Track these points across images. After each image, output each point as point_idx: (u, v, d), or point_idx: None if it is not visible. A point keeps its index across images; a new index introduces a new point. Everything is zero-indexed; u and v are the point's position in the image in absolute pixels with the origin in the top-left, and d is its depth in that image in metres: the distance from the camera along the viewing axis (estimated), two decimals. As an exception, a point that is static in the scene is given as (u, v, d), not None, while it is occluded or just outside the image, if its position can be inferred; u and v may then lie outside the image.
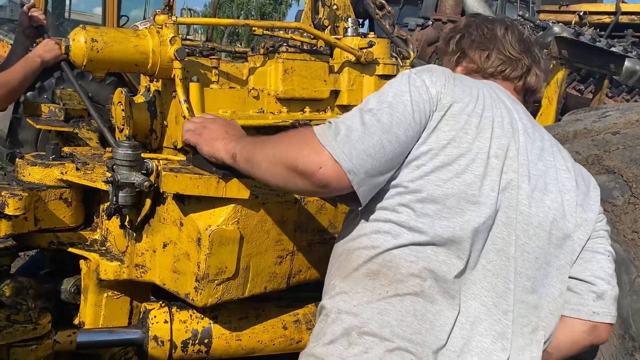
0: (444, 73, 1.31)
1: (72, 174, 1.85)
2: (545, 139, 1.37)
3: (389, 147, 1.20)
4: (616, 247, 1.52)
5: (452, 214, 1.20)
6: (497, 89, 1.38)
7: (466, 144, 1.22)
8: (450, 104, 1.24)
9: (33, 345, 1.60)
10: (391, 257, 1.20)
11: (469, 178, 1.21)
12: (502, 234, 1.24)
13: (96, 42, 1.82)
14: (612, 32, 4.40)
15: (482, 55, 1.47)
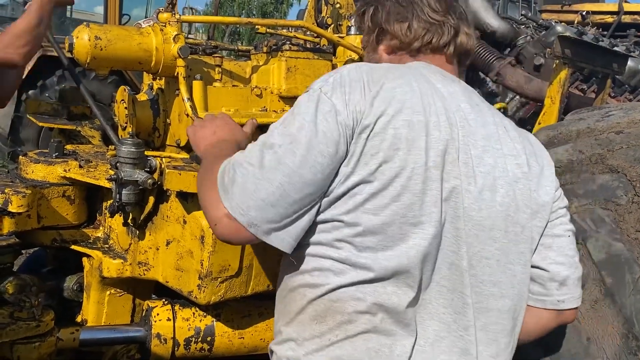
0: (361, 84, 1.13)
1: (75, 171, 1.85)
2: (489, 123, 1.22)
3: (293, 192, 1.08)
4: (619, 246, 1.52)
5: (395, 241, 1.09)
6: (427, 71, 1.23)
7: (399, 161, 1.08)
8: (373, 122, 1.09)
9: (36, 342, 1.60)
10: (337, 297, 1.11)
11: (408, 199, 1.09)
12: (452, 247, 1.14)
13: (100, 40, 1.82)
14: (614, 31, 4.40)
15: (402, 27, 1.28)
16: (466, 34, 1.30)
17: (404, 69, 1.22)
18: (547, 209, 1.25)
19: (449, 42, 1.28)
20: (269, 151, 1.10)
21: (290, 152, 1.08)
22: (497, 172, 1.19)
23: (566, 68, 2.50)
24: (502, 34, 3.55)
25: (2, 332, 1.53)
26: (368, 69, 1.17)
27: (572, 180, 1.73)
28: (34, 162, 1.87)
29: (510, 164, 1.21)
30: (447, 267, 1.14)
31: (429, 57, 1.29)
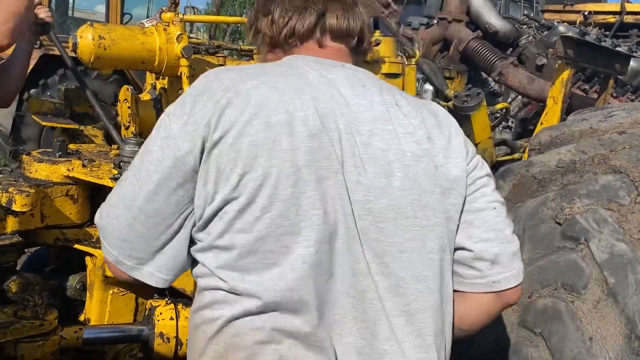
0: (205, 96, 1.02)
1: (79, 170, 1.86)
2: (376, 103, 1.10)
3: (139, 225, 1.03)
4: (622, 246, 1.52)
5: (277, 257, 0.99)
6: (301, 62, 1.12)
7: (260, 169, 0.98)
8: (224, 134, 0.99)
9: (40, 341, 1.61)
10: (235, 330, 1.01)
11: (279, 207, 0.98)
12: (349, 250, 1.03)
13: (103, 40, 1.82)
14: (617, 31, 4.40)
15: (267, 21, 1.17)
16: (337, 15, 1.15)
17: (266, 66, 1.13)
18: (461, 183, 1.11)
19: (315, 26, 1.14)
20: (118, 186, 1.08)
21: (131, 185, 1.04)
22: (390, 156, 1.06)
23: (568, 68, 2.49)
24: (504, 34, 3.54)
25: (6, 331, 1.54)
26: (217, 75, 1.07)
27: (575, 180, 1.73)
28: (38, 161, 1.88)
29: (406, 144, 1.08)
30: (351, 274, 1.03)
31: (302, 48, 1.16)
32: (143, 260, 1.05)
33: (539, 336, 1.53)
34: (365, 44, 1.19)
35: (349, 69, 1.14)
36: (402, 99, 1.15)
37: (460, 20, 3.51)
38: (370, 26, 1.22)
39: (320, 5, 1.14)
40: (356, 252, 1.02)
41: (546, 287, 1.57)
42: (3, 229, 1.69)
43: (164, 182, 1.01)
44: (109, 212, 1.07)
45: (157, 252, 1.05)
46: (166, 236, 1.04)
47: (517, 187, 1.88)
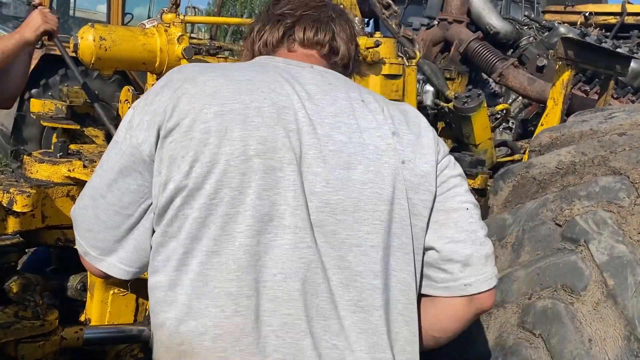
0: (165, 87, 1.05)
1: (80, 171, 1.86)
2: (340, 99, 1.09)
3: (102, 214, 1.05)
4: (622, 248, 1.52)
5: (220, 244, 0.97)
6: (266, 60, 1.16)
7: (210, 156, 0.98)
8: (178, 123, 1.00)
9: (40, 341, 1.62)
10: (181, 339, 0.98)
11: (226, 194, 0.97)
12: (304, 242, 1.00)
13: (104, 41, 1.83)
14: (617, 32, 4.40)
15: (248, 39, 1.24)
16: (306, 26, 1.17)
17: (228, 64, 1.20)
18: (429, 179, 1.09)
19: (282, 36, 1.17)
20: (91, 178, 1.11)
21: (98, 175, 1.08)
22: (351, 148, 1.05)
23: (569, 69, 2.50)
24: (505, 35, 3.55)
25: (7, 331, 1.55)
26: (180, 69, 1.11)
27: (575, 182, 1.73)
28: (39, 161, 1.88)
29: (369, 137, 1.07)
30: (302, 267, 0.99)
31: (273, 54, 1.19)
32: (106, 251, 1.07)
33: (539, 337, 1.53)
34: (340, 55, 1.19)
35: (316, 69, 1.14)
36: (369, 97, 1.14)
37: (461, 21, 3.52)
38: (352, 41, 1.22)
39: (291, 19, 1.18)
40: (307, 244, 1.00)
41: (546, 288, 1.57)
42: (4, 229, 1.69)
43: (124, 171, 1.04)
44: (79, 204, 1.10)
45: (119, 242, 1.06)
46: (127, 225, 1.05)
47: (517, 189, 1.88)
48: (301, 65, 1.14)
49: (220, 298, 0.98)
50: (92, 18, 8.49)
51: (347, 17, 1.24)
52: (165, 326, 1.00)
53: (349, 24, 1.22)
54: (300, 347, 0.99)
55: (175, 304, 0.99)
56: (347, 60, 1.21)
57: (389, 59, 2.37)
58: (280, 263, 0.99)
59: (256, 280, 0.98)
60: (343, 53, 1.19)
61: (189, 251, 0.99)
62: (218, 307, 0.97)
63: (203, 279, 0.98)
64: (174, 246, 1.00)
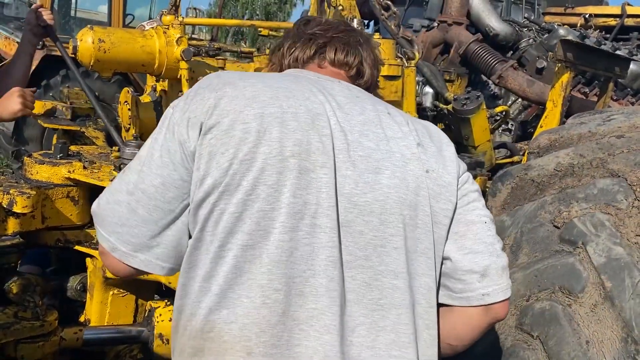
0: (205, 88, 1.10)
1: (80, 172, 1.87)
2: (368, 110, 1.16)
3: (140, 209, 1.05)
4: (619, 250, 1.53)
5: (255, 239, 1.02)
6: (296, 72, 1.23)
7: (250, 154, 1.03)
8: (219, 121, 1.04)
9: (40, 341, 1.62)
10: (211, 327, 1.01)
11: (263, 192, 1.02)
12: (331, 241, 1.05)
13: (103, 43, 1.84)
14: (617, 34, 4.40)
15: (278, 55, 1.30)
16: (337, 47, 1.25)
17: (264, 73, 1.22)
18: (451, 189, 1.15)
19: (314, 55, 1.25)
20: (121, 174, 1.12)
21: (135, 172, 1.08)
22: (379, 155, 1.11)
23: (568, 71, 2.50)
24: (505, 36, 3.55)
25: (7, 332, 1.55)
26: (218, 74, 1.17)
27: (573, 184, 1.73)
28: (39, 163, 1.89)
29: (395, 146, 1.13)
30: (330, 265, 1.04)
31: (304, 67, 1.26)
32: (140, 247, 1.07)
33: (536, 339, 1.54)
34: (365, 78, 1.27)
35: (344, 84, 1.21)
36: (394, 110, 1.22)
37: (460, 23, 3.52)
38: (376, 66, 1.31)
39: (323, 39, 1.25)
40: (335, 243, 1.05)
41: (543, 290, 1.57)
42: (4, 230, 1.70)
43: (169, 166, 1.06)
44: (108, 199, 1.10)
45: (155, 238, 1.06)
46: (166, 221, 1.06)
47: (516, 190, 1.88)
48: (330, 79, 1.21)
49: (252, 289, 1.02)
50: (93, 19, 8.51)
51: (373, 44, 1.32)
52: (197, 315, 1.03)
53: (374, 51, 1.30)
54: (323, 341, 1.03)
55: (209, 294, 1.02)
56: (370, 84, 1.28)
57: (388, 60, 2.38)
58: (310, 260, 1.04)
59: (286, 275, 1.02)
60: (367, 77, 1.27)
61: (224, 244, 1.02)
62: (249, 297, 1.01)
63: (237, 271, 1.02)
64: (210, 239, 1.03)
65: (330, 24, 1.29)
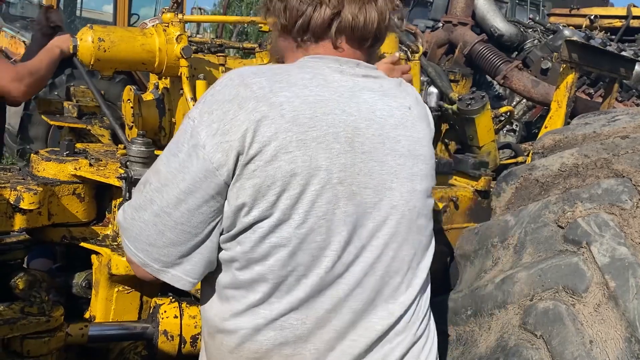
0: (235, 104, 1.00)
1: (86, 169, 1.88)
2: (394, 108, 1.14)
3: (167, 231, 1.04)
4: (623, 250, 1.53)
5: (307, 269, 1.04)
6: (322, 63, 1.09)
7: (299, 187, 1.00)
8: (261, 150, 0.98)
9: (46, 337, 1.63)
10: (257, 346, 1.07)
11: (313, 223, 1.02)
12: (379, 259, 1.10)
13: (103, 42, 1.84)
14: (622, 36, 4.40)
15: (281, 6, 1.11)
16: (354, 14, 1.09)
17: (294, 72, 1.07)
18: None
19: (330, 23, 1.09)
20: (144, 189, 1.08)
21: (158, 190, 1.04)
22: (411, 160, 1.14)
23: (573, 72, 2.50)
24: (509, 37, 3.55)
25: (13, 327, 1.56)
26: (243, 81, 1.02)
27: (578, 184, 1.74)
28: (46, 160, 1.90)
29: (421, 148, 1.16)
30: (380, 282, 1.11)
31: (319, 46, 1.12)
32: (170, 264, 1.07)
33: (540, 339, 1.54)
34: (380, 42, 1.19)
35: (362, 67, 1.14)
36: (411, 99, 1.20)
37: (465, 24, 3.52)
38: (388, 20, 1.16)
39: (336, 2, 1.09)
40: (381, 259, 1.10)
41: (547, 289, 1.58)
42: (11, 226, 1.71)
43: (195, 192, 1.01)
44: (134, 216, 1.08)
45: (185, 257, 1.07)
46: (194, 243, 1.06)
47: (520, 190, 1.88)
48: (350, 64, 1.12)
49: (304, 312, 1.07)
50: (98, 18, 8.54)
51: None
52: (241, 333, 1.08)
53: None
54: None
55: (258, 317, 1.07)
56: (383, 40, 1.20)
57: (390, 54, 2.37)
58: (360, 279, 1.09)
59: (338, 296, 1.08)
60: (382, 39, 1.19)
61: (277, 278, 1.05)
62: (299, 319, 1.07)
63: (290, 300, 1.06)
64: (259, 270, 1.05)
65: None
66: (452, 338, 1.76)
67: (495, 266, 1.76)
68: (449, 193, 2.13)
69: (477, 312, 1.70)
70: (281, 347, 1.06)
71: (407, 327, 1.15)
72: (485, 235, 1.83)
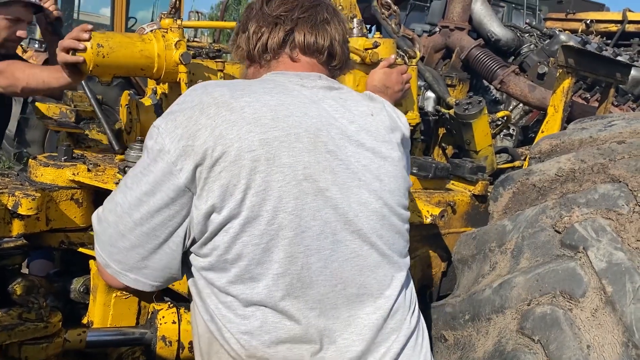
0: (197, 111, 1.05)
1: (84, 175, 1.87)
2: (357, 115, 1.18)
3: (127, 232, 1.07)
4: (620, 255, 1.53)
5: (284, 266, 1.06)
6: (283, 77, 1.17)
7: (264, 184, 1.03)
8: (225, 152, 1.02)
9: (44, 343, 1.63)
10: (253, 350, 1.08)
11: (284, 219, 1.04)
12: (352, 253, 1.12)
13: (102, 48, 1.83)
14: (618, 40, 4.42)
15: (244, 38, 1.23)
16: (305, 31, 1.20)
17: (252, 83, 1.16)
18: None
19: (283, 41, 1.20)
20: (114, 193, 1.13)
21: (123, 192, 1.09)
22: (377, 162, 1.16)
23: (569, 77, 2.51)
24: (506, 42, 3.57)
25: (11, 333, 1.56)
26: (205, 90, 1.09)
27: (574, 189, 1.74)
28: (44, 165, 1.90)
29: (387, 151, 1.19)
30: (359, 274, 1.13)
31: (278, 62, 1.22)
32: (129, 267, 1.10)
33: (538, 343, 1.54)
34: (336, 60, 1.25)
35: (324, 80, 1.21)
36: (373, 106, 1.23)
37: (462, 28, 3.54)
38: (345, 42, 1.28)
39: (289, 23, 1.20)
40: (357, 253, 1.12)
41: (545, 294, 1.58)
42: (9, 232, 1.71)
43: (155, 193, 1.05)
44: (101, 217, 1.13)
45: (144, 260, 1.09)
46: (152, 245, 1.08)
47: (517, 195, 1.89)
48: (310, 77, 1.20)
49: (286, 313, 1.07)
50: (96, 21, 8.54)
51: (340, 17, 1.28)
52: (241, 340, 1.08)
53: (342, 24, 1.27)
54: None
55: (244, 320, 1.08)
56: (342, 63, 1.28)
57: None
58: (339, 274, 1.10)
59: (319, 293, 1.08)
60: (339, 57, 1.26)
61: (255, 276, 1.06)
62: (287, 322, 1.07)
63: (271, 300, 1.06)
64: (236, 272, 1.06)
65: (294, 1, 1.22)
66: (450, 343, 1.77)
67: (493, 271, 1.77)
68: (447, 197, 2.14)
69: (475, 317, 1.70)
70: (276, 347, 1.07)
71: (398, 322, 1.16)
72: (483, 240, 1.84)
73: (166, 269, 1.11)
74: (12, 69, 2.02)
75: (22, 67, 2.02)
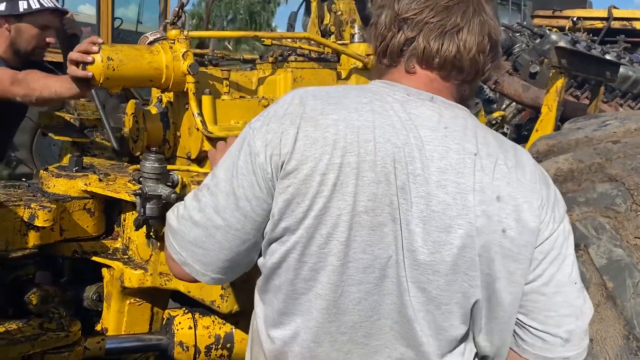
0: (287, 121, 1.04)
1: (96, 185, 1.90)
2: (452, 150, 1.04)
3: (218, 234, 1.08)
4: (620, 252, 1.60)
5: (326, 291, 1.05)
6: (388, 91, 1.08)
7: (325, 208, 1.01)
8: (295, 169, 1.01)
9: (65, 352, 1.66)
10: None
11: (334, 246, 1.02)
12: (399, 295, 1.05)
13: (112, 61, 1.86)
14: (604, 37, 4.51)
15: (373, 30, 1.13)
16: (429, 37, 1.05)
17: (352, 93, 1.08)
18: (529, 249, 1.06)
19: (402, 47, 1.08)
20: (200, 192, 1.11)
21: (213, 194, 1.08)
22: (454, 211, 1.02)
23: (562, 77, 2.58)
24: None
25: (34, 343, 1.59)
26: (302, 101, 1.06)
27: (574, 188, 1.80)
28: (56, 176, 1.92)
29: (473, 200, 1.03)
30: (398, 314, 1.06)
31: (393, 71, 1.12)
32: (212, 268, 1.11)
33: (543, 338, 1.60)
34: (465, 73, 1.08)
35: (436, 104, 1.07)
36: (484, 148, 1.06)
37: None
38: (480, 52, 1.07)
39: (414, 30, 1.07)
40: (404, 298, 1.05)
41: (549, 291, 1.64)
42: (25, 243, 1.73)
43: (251, 200, 1.06)
44: (185, 216, 1.12)
45: (228, 260, 1.11)
46: (241, 248, 1.09)
47: (518, 195, 1.95)
48: (421, 96, 1.07)
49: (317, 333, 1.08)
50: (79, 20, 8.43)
51: (483, 17, 1.07)
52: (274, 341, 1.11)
53: (485, 25, 1.07)
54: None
55: (283, 327, 1.09)
56: (474, 75, 1.10)
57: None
58: (377, 306, 1.06)
59: (352, 320, 1.07)
60: (467, 70, 1.08)
61: (297, 290, 1.07)
62: (315, 342, 1.08)
63: (305, 316, 1.08)
64: (279, 284, 1.08)
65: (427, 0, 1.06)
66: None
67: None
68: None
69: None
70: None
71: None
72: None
73: (245, 266, 1.14)
74: (29, 79, 2.03)
75: (37, 77, 2.04)
